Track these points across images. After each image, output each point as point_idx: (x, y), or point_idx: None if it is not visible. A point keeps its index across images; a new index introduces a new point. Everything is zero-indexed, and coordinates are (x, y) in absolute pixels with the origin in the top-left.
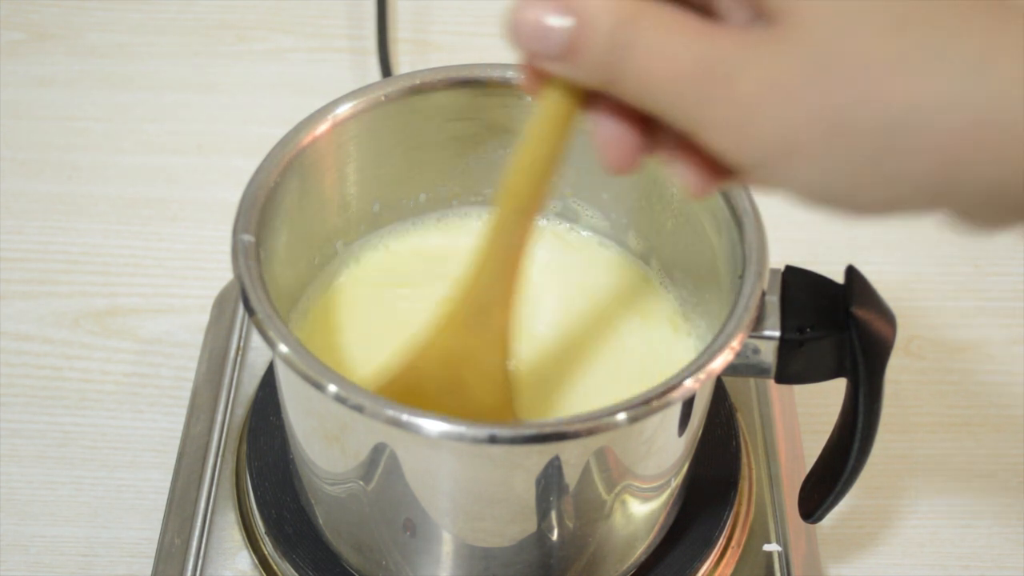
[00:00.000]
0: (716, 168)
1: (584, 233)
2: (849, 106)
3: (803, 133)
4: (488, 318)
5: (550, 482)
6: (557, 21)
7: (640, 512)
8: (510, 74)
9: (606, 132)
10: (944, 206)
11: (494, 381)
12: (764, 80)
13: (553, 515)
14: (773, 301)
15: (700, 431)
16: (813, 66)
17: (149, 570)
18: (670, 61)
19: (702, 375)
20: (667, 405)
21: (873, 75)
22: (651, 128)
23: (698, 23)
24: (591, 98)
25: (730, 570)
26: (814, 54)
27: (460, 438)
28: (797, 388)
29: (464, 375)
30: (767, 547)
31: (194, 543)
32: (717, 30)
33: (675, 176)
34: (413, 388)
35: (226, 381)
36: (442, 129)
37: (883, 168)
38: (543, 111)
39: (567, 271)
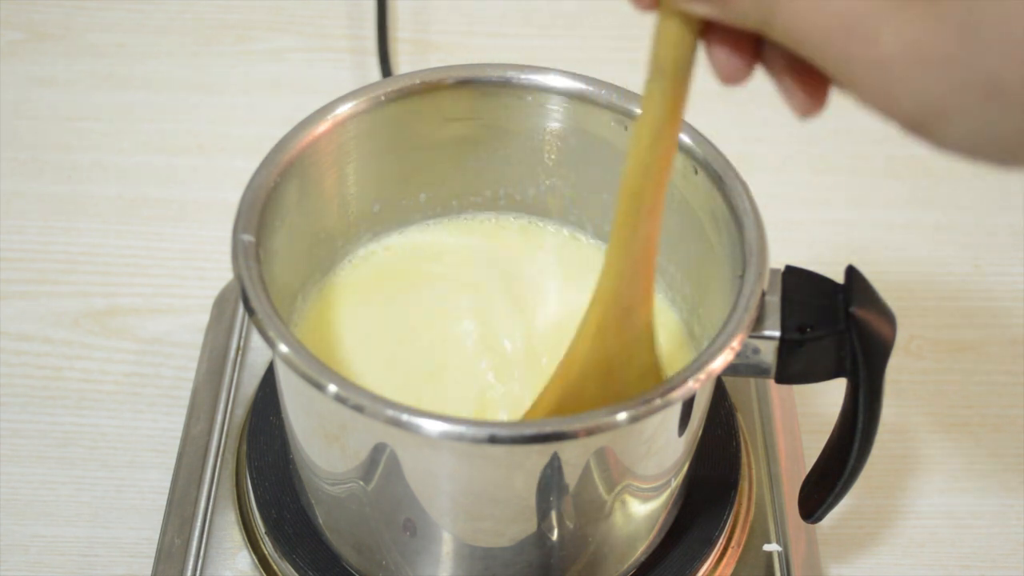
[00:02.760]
0: (824, 88)
1: (584, 234)
2: (1000, 71)
3: (953, 98)
4: (634, 317)
5: (550, 482)
6: None
7: (640, 512)
8: (510, 74)
9: (719, 54)
10: None
11: (650, 373)
12: (909, 44)
13: (553, 515)
14: (773, 301)
15: (700, 431)
16: (960, 31)
17: (149, 570)
18: (814, 14)
19: (702, 375)
20: (667, 405)
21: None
22: (762, 46)
23: None
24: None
25: (730, 570)
26: (961, 18)
27: (460, 438)
28: (797, 388)
29: (621, 375)
30: (767, 547)
31: (194, 543)
32: None
33: (782, 93)
34: (572, 398)
35: (226, 381)
36: (442, 129)
37: None
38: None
39: (567, 272)
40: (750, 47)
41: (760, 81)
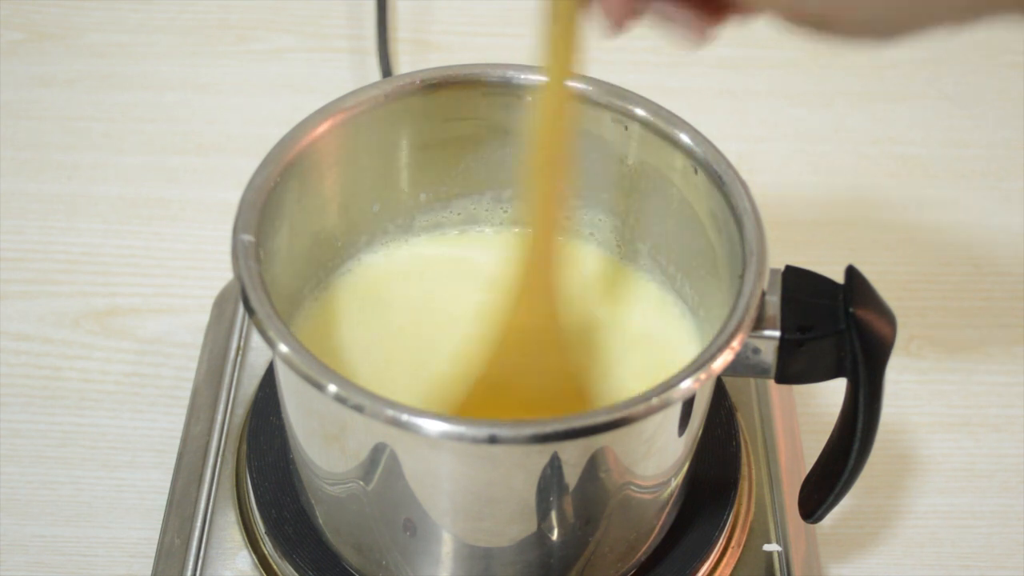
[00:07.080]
0: (709, 11)
1: (583, 234)
2: None
3: None
4: (550, 281)
5: (550, 482)
6: None
7: (640, 512)
8: (510, 74)
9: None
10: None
11: (563, 380)
12: None
13: (553, 515)
14: (773, 301)
15: (700, 431)
16: None
17: (149, 570)
18: None
19: (702, 375)
20: (667, 405)
21: None
22: None
23: None
24: None
25: (730, 570)
26: None
27: (460, 438)
28: (797, 388)
29: (525, 379)
30: (767, 547)
31: (194, 543)
32: None
33: (671, 30)
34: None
35: (226, 381)
36: (442, 129)
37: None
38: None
39: (567, 272)
40: None
41: (760, 81)
